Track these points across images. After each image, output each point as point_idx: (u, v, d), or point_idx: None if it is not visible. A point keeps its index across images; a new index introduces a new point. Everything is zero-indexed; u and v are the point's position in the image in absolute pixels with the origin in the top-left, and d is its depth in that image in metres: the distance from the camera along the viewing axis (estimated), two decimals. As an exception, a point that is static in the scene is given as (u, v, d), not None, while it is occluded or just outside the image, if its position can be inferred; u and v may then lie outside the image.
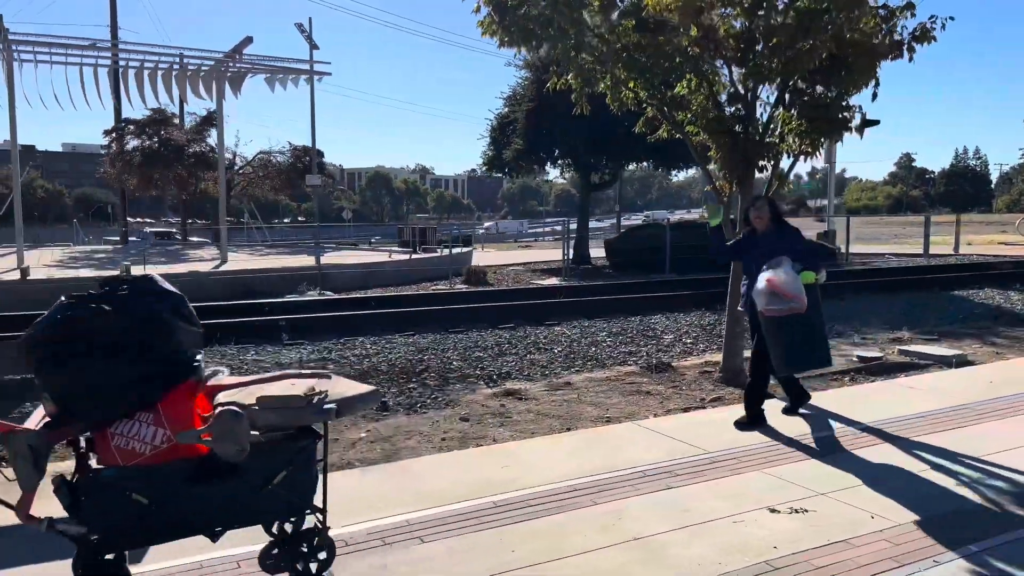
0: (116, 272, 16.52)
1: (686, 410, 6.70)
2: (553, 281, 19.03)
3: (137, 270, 18.20)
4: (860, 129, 7.32)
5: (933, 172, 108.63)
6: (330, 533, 3.38)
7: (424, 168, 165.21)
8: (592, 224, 34.03)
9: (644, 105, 7.63)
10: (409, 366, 8.45)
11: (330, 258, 22.19)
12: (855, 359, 8.49)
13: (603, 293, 14.22)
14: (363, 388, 3.36)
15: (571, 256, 22.79)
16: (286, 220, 75.70)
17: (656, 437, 5.62)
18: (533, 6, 6.78)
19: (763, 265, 5.57)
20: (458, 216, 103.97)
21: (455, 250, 22.27)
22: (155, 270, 17.47)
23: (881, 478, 4.72)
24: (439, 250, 22.50)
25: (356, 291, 15.99)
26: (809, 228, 29.96)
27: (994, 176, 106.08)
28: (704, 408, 6.77)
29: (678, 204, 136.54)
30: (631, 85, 7.35)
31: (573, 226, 23.10)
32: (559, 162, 23.11)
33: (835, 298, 13.81)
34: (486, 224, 61.91)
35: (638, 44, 7.16)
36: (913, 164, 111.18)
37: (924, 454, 5.18)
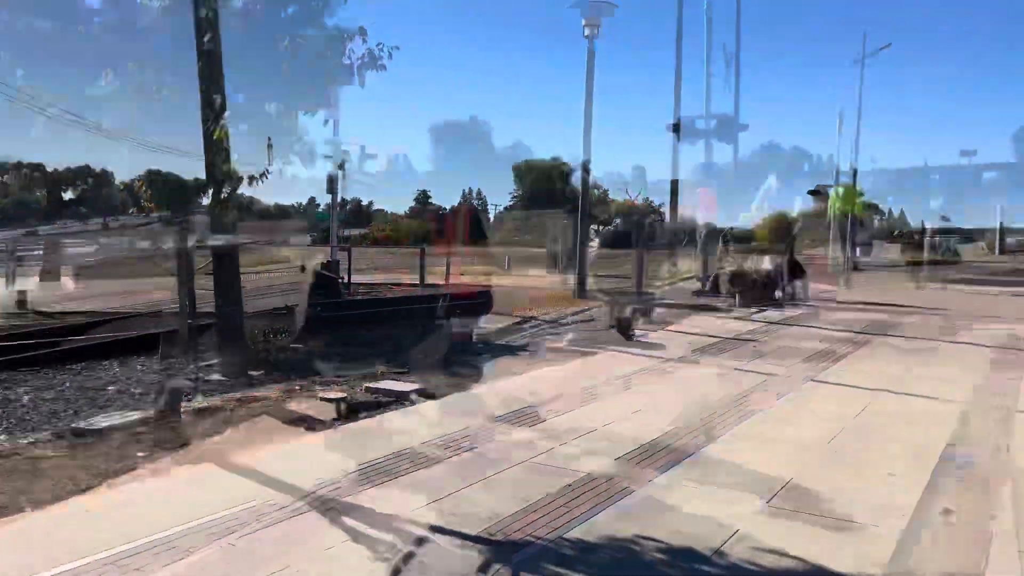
0: None
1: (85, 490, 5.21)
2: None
3: None
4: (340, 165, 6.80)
5: (446, 208, 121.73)
6: None
7: None
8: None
9: None
10: None
11: None
12: (319, 400, 7.90)
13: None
14: None
15: None
16: None
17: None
18: None
19: None
20: None
21: None
22: None
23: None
24: None
25: None
26: (316, 257, 29.95)
27: (492, 214, 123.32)
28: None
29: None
30: None
31: None
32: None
33: (326, 333, 13.40)
34: None
35: None
36: (429, 200, 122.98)
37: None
